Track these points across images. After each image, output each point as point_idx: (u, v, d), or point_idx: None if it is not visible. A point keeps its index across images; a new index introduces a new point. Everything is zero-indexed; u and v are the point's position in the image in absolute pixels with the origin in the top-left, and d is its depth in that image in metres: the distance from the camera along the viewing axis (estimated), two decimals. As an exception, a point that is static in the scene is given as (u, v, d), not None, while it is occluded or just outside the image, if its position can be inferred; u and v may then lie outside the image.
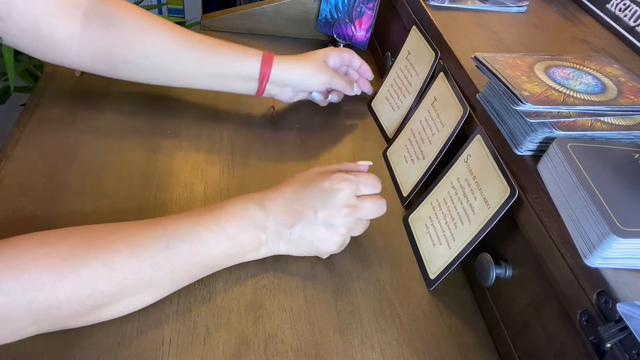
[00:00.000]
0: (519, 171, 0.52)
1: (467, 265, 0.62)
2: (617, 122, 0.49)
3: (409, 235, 0.65)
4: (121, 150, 0.70)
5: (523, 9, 0.81)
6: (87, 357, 0.48)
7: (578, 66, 0.54)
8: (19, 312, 0.42)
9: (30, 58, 1.54)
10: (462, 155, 0.60)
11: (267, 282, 0.57)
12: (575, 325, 0.42)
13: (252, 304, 0.55)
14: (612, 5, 0.79)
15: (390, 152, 0.77)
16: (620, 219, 0.39)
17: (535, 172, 0.49)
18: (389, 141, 0.78)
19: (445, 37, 0.70)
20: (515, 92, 0.48)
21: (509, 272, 0.54)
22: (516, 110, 0.48)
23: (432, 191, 0.64)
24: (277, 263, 0.59)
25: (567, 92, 0.49)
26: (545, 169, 0.48)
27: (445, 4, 0.79)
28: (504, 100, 0.49)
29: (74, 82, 0.81)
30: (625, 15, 0.76)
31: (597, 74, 0.53)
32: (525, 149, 0.50)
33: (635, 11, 0.74)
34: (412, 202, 0.68)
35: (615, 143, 0.48)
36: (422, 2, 0.79)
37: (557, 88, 0.49)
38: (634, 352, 0.36)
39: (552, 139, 0.47)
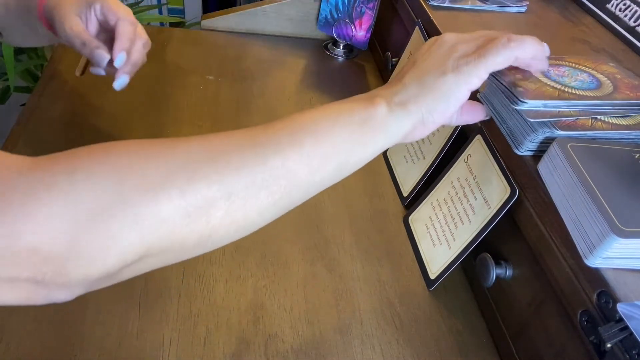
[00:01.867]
0: (519, 171, 0.52)
1: (467, 265, 0.62)
2: (617, 122, 0.49)
3: (409, 235, 0.65)
4: (121, 150, 0.70)
5: (523, 9, 0.81)
6: (87, 357, 0.48)
7: (574, 65, 0.54)
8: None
9: (30, 58, 1.55)
10: (462, 155, 0.60)
11: (267, 282, 0.57)
12: (576, 325, 0.42)
13: (252, 304, 0.55)
14: (612, 5, 0.79)
15: (390, 152, 0.77)
16: (620, 219, 0.39)
17: (535, 172, 0.49)
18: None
19: (445, 37, 0.70)
20: (512, 90, 0.48)
21: (509, 272, 0.54)
22: (516, 109, 0.48)
23: (432, 191, 0.64)
24: (277, 262, 0.59)
25: (562, 87, 0.49)
26: (545, 169, 0.48)
27: (446, 4, 0.79)
28: (504, 100, 0.50)
29: (74, 82, 0.81)
30: (625, 15, 0.76)
31: (593, 72, 0.53)
32: (526, 148, 0.50)
33: (635, 11, 0.74)
34: (412, 202, 0.68)
35: (615, 143, 0.48)
36: (422, 2, 0.79)
37: (552, 85, 0.49)
38: (634, 352, 0.36)
39: (553, 138, 0.47)
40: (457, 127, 0.63)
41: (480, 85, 0.45)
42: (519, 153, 0.51)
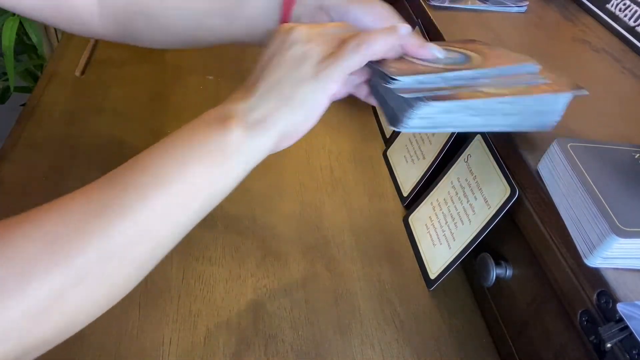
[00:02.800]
0: (519, 171, 0.52)
1: (467, 265, 0.62)
2: (496, 92, 0.48)
3: (409, 235, 0.65)
4: (121, 150, 0.70)
5: (523, 9, 0.81)
6: (87, 357, 0.48)
7: (444, 47, 0.54)
8: None
9: (30, 58, 1.55)
10: (462, 155, 0.60)
11: (267, 282, 0.57)
12: (576, 325, 0.42)
13: (252, 304, 0.55)
14: (612, 5, 0.79)
15: (390, 152, 0.77)
16: (620, 219, 0.39)
17: (535, 172, 0.49)
18: (389, 141, 0.78)
19: (445, 37, 0.70)
20: (384, 70, 0.47)
21: (509, 272, 0.54)
22: (390, 88, 0.47)
23: (432, 191, 0.64)
24: (277, 263, 0.59)
25: (433, 64, 0.49)
26: (545, 168, 0.48)
27: (446, 4, 0.79)
28: (383, 83, 0.48)
29: (74, 82, 0.81)
30: (625, 15, 0.76)
31: (462, 50, 0.53)
32: (406, 126, 0.47)
33: (635, 11, 0.74)
34: (412, 202, 0.68)
35: (615, 143, 0.48)
36: (422, 2, 0.79)
37: (423, 64, 0.49)
38: (634, 352, 0.36)
39: (431, 113, 0.46)
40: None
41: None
42: (404, 130, 0.47)
